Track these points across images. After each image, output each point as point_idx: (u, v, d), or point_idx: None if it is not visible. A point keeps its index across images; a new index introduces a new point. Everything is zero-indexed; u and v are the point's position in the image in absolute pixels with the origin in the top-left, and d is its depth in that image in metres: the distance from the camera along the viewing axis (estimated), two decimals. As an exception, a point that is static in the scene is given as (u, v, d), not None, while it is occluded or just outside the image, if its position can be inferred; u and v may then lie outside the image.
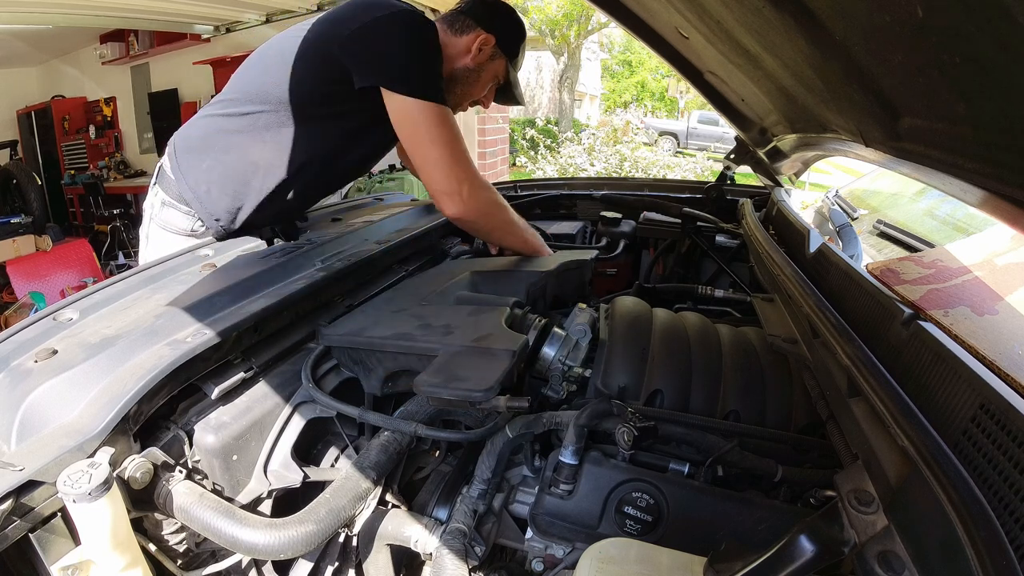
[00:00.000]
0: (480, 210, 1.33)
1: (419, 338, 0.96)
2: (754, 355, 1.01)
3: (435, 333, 0.97)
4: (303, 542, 0.74)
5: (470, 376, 0.84)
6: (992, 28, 0.45)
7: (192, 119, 1.43)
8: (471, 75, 1.42)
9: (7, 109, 6.46)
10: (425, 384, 0.84)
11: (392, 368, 0.99)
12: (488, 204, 1.36)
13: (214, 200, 1.35)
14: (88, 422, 0.69)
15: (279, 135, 1.32)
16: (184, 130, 1.42)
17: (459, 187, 1.28)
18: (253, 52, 1.41)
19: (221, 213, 1.36)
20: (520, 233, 1.45)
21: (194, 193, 1.35)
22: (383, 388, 1.02)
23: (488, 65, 1.43)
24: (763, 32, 0.88)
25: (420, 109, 1.23)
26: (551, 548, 0.85)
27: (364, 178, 4.26)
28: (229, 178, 1.34)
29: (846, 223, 2.53)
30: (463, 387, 0.82)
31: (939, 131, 0.67)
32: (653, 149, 10.78)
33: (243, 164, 1.34)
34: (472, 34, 1.38)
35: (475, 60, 1.40)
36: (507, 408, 0.86)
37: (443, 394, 0.83)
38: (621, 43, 19.89)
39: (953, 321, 0.82)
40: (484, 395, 0.81)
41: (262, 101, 1.31)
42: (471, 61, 1.40)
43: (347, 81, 1.25)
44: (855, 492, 0.59)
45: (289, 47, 1.30)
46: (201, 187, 1.35)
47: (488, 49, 1.40)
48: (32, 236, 4.90)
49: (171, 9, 4.37)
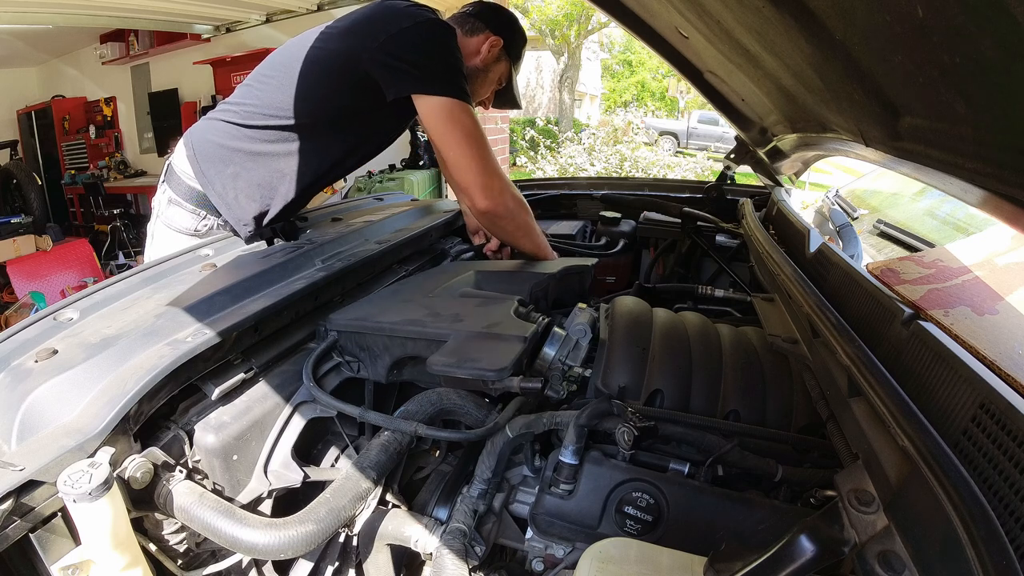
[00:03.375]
0: (508, 206, 1.37)
1: (429, 324, 0.97)
2: (754, 355, 1.01)
3: (445, 320, 0.99)
4: (303, 542, 0.74)
5: (483, 357, 0.85)
6: (992, 28, 0.45)
7: (207, 121, 1.42)
8: (479, 75, 1.48)
9: (7, 109, 6.47)
10: (439, 364, 0.85)
11: (400, 354, 1.00)
12: (516, 201, 1.40)
13: (243, 207, 1.37)
14: (88, 422, 0.69)
15: (305, 145, 1.35)
16: (201, 134, 1.41)
17: (491, 181, 1.32)
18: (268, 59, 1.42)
19: (249, 219, 1.38)
20: (537, 238, 1.49)
21: (223, 200, 1.37)
22: (388, 375, 1.03)
23: (494, 66, 1.50)
24: (763, 32, 0.89)
25: (453, 107, 1.27)
26: (551, 548, 0.85)
27: (364, 178, 4.26)
28: (256, 186, 1.37)
29: (846, 223, 2.54)
30: (477, 366, 0.83)
31: (939, 131, 0.67)
32: (653, 149, 10.79)
33: (270, 173, 1.36)
34: (482, 36, 1.46)
35: (484, 61, 1.46)
36: (520, 389, 0.87)
37: (457, 372, 0.84)
38: (621, 43, 19.89)
39: (953, 321, 0.82)
40: (498, 374, 0.82)
41: (287, 114, 1.32)
42: (480, 61, 1.46)
43: (375, 91, 1.29)
44: (855, 492, 0.59)
45: (311, 58, 1.32)
46: (229, 194, 1.37)
47: (496, 51, 1.47)
48: (32, 236, 4.90)
49: (171, 9, 4.38)
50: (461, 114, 1.27)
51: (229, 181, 1.36)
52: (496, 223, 1.42)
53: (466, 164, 1.30)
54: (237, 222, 1.38)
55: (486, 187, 1.31)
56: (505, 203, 1.35)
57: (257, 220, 1.39)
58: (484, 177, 1.31)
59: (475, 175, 1.31)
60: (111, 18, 4.47)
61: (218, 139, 1.37)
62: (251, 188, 1.36)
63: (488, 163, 1.32)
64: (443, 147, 1.32)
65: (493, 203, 1.33)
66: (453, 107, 1.27)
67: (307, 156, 1.36)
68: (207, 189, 1.37)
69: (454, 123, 1.27)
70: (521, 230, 1.45)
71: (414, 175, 4.28)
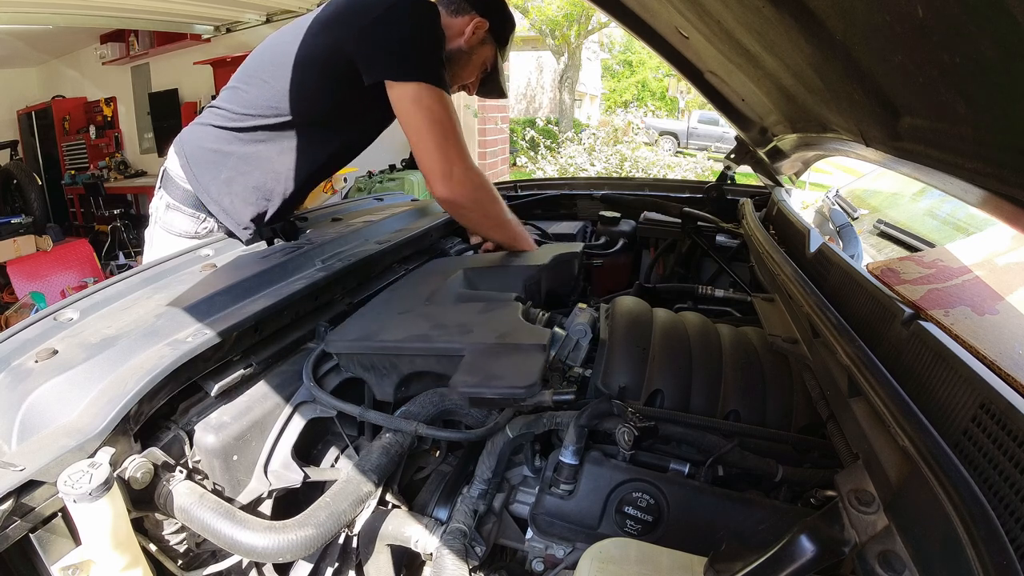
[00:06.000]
0: (469, 195, 1.32)
1: (437, 338, 0.94)
2: (754, 355, 1.01)
3: (453, 332, 0.96)
4: (303, 546, 0.74)
5: (506, 373, 0.82)
6: (992, 28, 0.45)
7: (197, 126, 1.41)
8: (463, 57, 1.44)
9: (7, 109, 6.47)
10: (464, 384, 0.81)
11: (409, 371, 0.97)
12: (479, 189, 1.34)
13: (239, 211, 1.36)
14: (89, 422, 0.69)
15: (300, 142, 1.33)
16: (192, 139, 1.40)
17: (451, 168, 1.27)
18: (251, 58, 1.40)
19: (248, 222, 1.37)
20: (510, 229, 1.44)
21: (219, 206, 1.36)
22: (396, 393, 1.00)
23: (479, 49, 1.45)
24: (763, 32, 0.89)
25: (420, 92, 1.23)
26: (551, 548, 0.85)
27: (364, 178, 4.26)
28: (251, 188, 1.36)
29: (846, 223, 2.53)
30: (504, 384, 0.80)
31: (939, 131, 0.67)
32: (653, 149, 10.78)
33: (263, 174, 1.35)
34: (467, 16, 1.41)
35: (468, 42, 1.42)
36: (553, 402, 0.85)
37: (485, 393, 0.80)
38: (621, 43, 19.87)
39: (953, 321, 0.82)
40: (528, 391, 0.79)
41: (277, 112, 1.31)
42: (464, 43, 1.42)
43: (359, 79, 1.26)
44: (855, 492, 0.59)
45: (299, 52, 1.29)
46: (224, 199, 1.35)
47: (481, 33, 1.42)
48: (32, 236, 4.90)
49: (171, 9, 4.38)
50: (428, 99, 1.23)
51: (224, 187, 1.35)
52: (460, 212, 1.39)
53: (428, 151, 1.27)
54: (236, 226, 1.37)
55: (446, 175, 1.27)
56: (466, 192, 1.31)
57: (255, 222, 1.38)
58: (445, 164, 1.27)
59: (435, 162, 1.27)
60: (111, 18, 4.48)
61: (209, 144, 1.36)
62: (246, 191, 1.35)
63: (451, 151, 1.27)
64: (408, 133, 1.28)
65: (452, 192, 1.29)
66: (420, 92, 1.23)
67: (302, 153, 1.35)
68: (202, 196, 1.36)
69: (418, 108, 1.24)
70: (490, 220, 1.42)
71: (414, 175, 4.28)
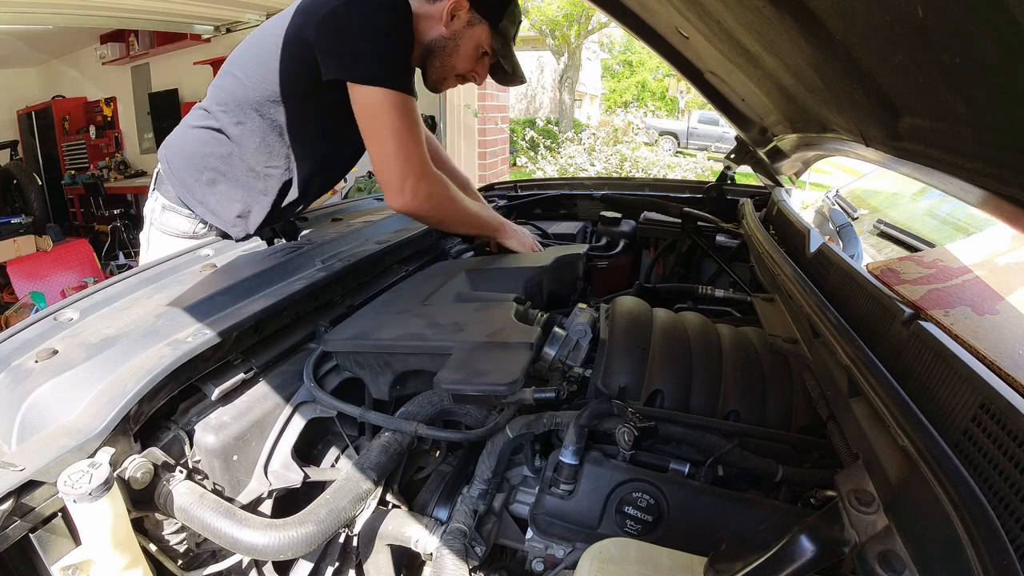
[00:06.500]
0: (422, 205, 1.28)
1: (430, 337, 0.95)
2: (754, 355, 1.01)
3: (446, 331, 0.97)
4: (303, 543, 0.74)
5: (491, 370, 0.84)
6: (992, 28, 0.45)
7: (183, 130, 1.41)
8: (448, 44, 1.32)
9: (7, 109, 6.47)
10: (447, 381, 0.83)
11: (402, 369, 0.98)
12: (431, 198, 1.28)
13: (225, 211, 1.36)
14: (89, 422, 0.69)
15: (270, 137, 1.31)
16: (175, 143, 1.40)
17: (403, 181, 1.24)
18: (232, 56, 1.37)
19: (235, 221, 1.37)
20: (476, 219, 1.42)
21: (206, 208, 1.36)
22: (391, 391, 1.01)
23: (466, 32, 1.31)
24: (763, 32, 0.89)
25: (380, 97, 1.18)
26: (551, 548, 0.85)
27: (364, 178, 4.26)
28: (233, 187, 1.35)
29: (846, 223, 2.53)
30: (487, 381, 0.81)
31: (939, 131, 0.67)
32: (653, 149, 10.78)
33: (241, 173, 1.34)
34: (443, 1, 1.28)
35: (450, 28, 1.30)
36: (534, 400, 0.86)
37: (467, 390, 0.82)
38: (621, 43, 19.87)
39: (953, 321, 0.82)
40: (509, 388, 0.81)
41: (245, 107, 1.28)
42: (446, 29, 1.30)
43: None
44: (855, 492, 0.59)
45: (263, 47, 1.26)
46: (211, 201, 1.35)
47: (463, 14, 1.29)
48: (32, 236, 4.90)
49: (171, 9, 4.38)
50: (385, 105, 1.17)
51: (207, 187, 1.34)
52: (417, 218, 1.36)
53: (381, 159, 1.22)
54: (225, 224, 1.37)
55: (398, 188, 1.23)
56: (419, 203, 1.26)
57: (243, 222, 1.37)
58: (398, 177, 1.22)
59: (388, 174, 1.23)
60: (111, 18, 4.48)
61: (191, 147, 1.36)
62: (230, 190, 1.34)
63: (405, 162, 1.22)
64: (364, 138, 1.25)
65: (405, 204, 1.26)
66: (378, 97, 1.17)
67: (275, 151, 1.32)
68: (188, 199, 1.36)
69: (374, 116, 1.19)
70: (451, 218, 1.38)
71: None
